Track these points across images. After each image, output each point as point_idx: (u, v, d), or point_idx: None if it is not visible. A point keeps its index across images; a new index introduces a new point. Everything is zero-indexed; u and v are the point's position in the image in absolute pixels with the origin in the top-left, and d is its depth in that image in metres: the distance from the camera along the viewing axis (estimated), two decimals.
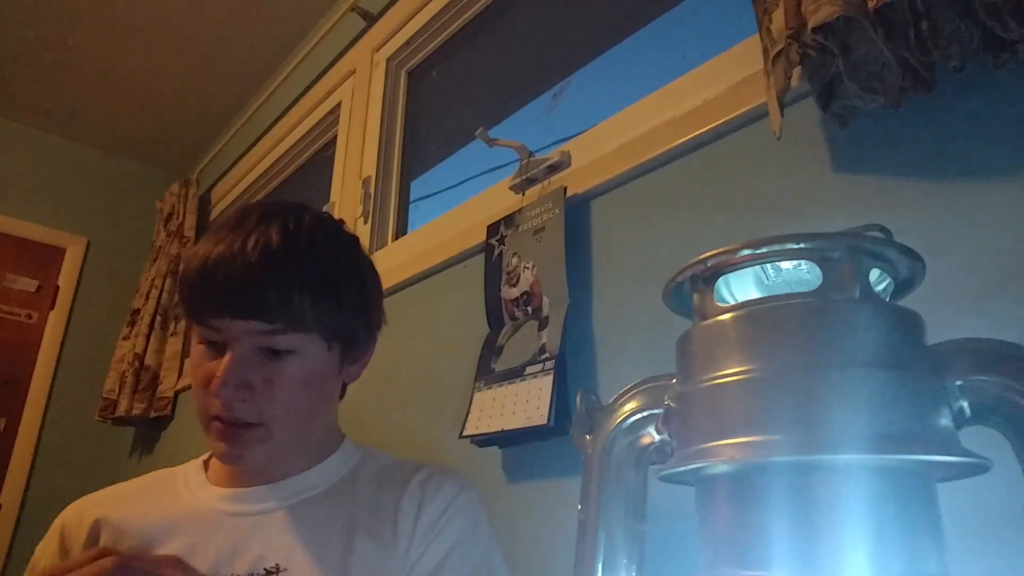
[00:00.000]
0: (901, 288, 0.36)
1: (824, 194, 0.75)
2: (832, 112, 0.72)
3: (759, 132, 0.83)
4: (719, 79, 0.91)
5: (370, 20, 1.86)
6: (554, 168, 1.11)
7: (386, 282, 0.76)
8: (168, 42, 2.24)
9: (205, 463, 0.74)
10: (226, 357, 0.60)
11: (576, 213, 1.02)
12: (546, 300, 0.98)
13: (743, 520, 0.30)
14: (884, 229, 0.36)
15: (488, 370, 1.02)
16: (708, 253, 0.34)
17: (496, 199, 1.23)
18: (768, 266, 0.34)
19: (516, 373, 0.96)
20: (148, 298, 2.38)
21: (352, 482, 0.70)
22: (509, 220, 1.11)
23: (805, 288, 0.33)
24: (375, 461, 0.74)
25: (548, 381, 0.90)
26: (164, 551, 0.63)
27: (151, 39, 2.23)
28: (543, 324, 0.97)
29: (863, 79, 0.65)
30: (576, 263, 0.98)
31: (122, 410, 2.21)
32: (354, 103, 1.87)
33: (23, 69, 2.36)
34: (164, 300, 2.34)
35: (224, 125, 2.66)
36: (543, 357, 0.93)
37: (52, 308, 2.56)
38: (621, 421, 0.39)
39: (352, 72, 1.92)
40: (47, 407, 2.46)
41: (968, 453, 0.29)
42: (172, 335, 2.31)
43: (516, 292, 1.04)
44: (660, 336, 0.84)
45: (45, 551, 0.68)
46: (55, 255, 2.62)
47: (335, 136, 1.96)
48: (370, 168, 1.70)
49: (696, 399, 0.33)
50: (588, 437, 0.41)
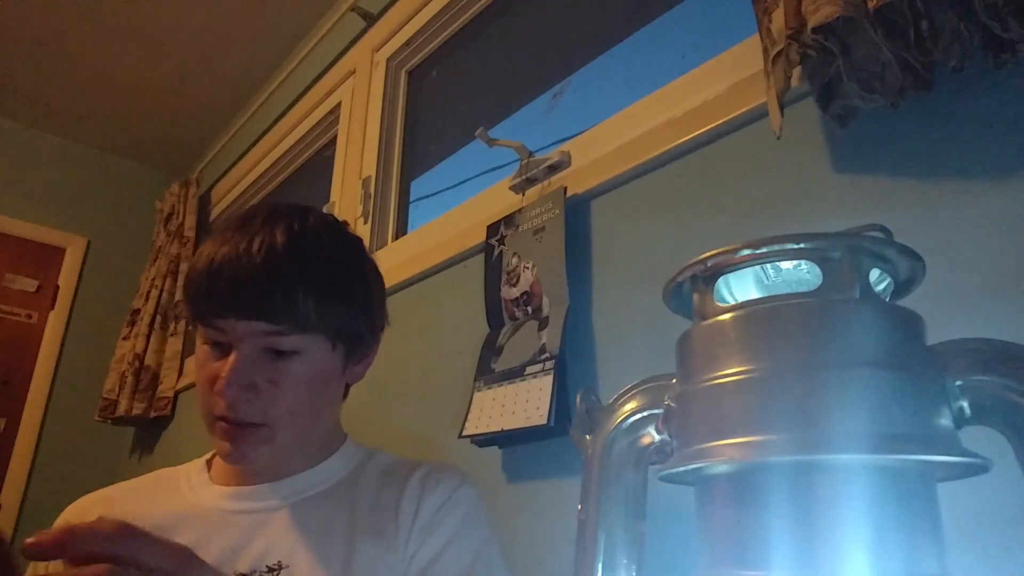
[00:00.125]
0: (901, 288, 0.36)
1: (824, 194, 0.75)
2: (832, 112, 0.72)
3: (759, 132, 0.83)
4: (719, 79, 0.91)
5: (370, 20, 1.87)
6: (554, 168, 1.11)
7: (386, 282, 0.76)
8: (169, 42, 2.24)
9: (208, 462, 0.74)
10: (231, 358, 0.60)
11: (576, 213, 1.02)
12: (546, 300, 0.98)
13: (743, 520, 0.30)
14: (884, 229, 0.36)
15: (488, 370, 1.02)
16: (708, 253, 0.34)
17: (496, 199, 1.23)
18: (768, 266, 0.34)
19: (516, 373, 0.96)
20: (148, 298, 2.38)
21: (354, 481, 0.71)
22: (509, 220, 1.11)
23: (805, 288, 0.33)
24: (377, 461, 0.74)
25: (548, 381, 0.90)
26: None
27: (151, 39, 2.23)
28: (543, 324, 0.97)
29: (863, 79, 0.65)
30: (576, 263, 0.98)
31: (122, 410, 2.21)
32: (354, 103, 1.87)
33: (23, 69, 2.36)
34: (164, 300, 2.34)
35: (224, 125, 2.66)
36: (543, 357, 0.93)
37: (52, 308, 2.56)
38: (621, 421, 0.39)
39: (352, 72, 1.92)
40: (47, 407, 2.46)
41: (968, 453, 0.29)
42: (172, 335, 2.31)
43: (516, 292, 1.04)
44: (660, 336, 0.84)
45: None
46: (55, 255, 2.62)
47: (335, 136, 1.96)
48: (370, 168, 1.70)
49: (696, 399, 0.33)
50: (588, 437, 0.41)
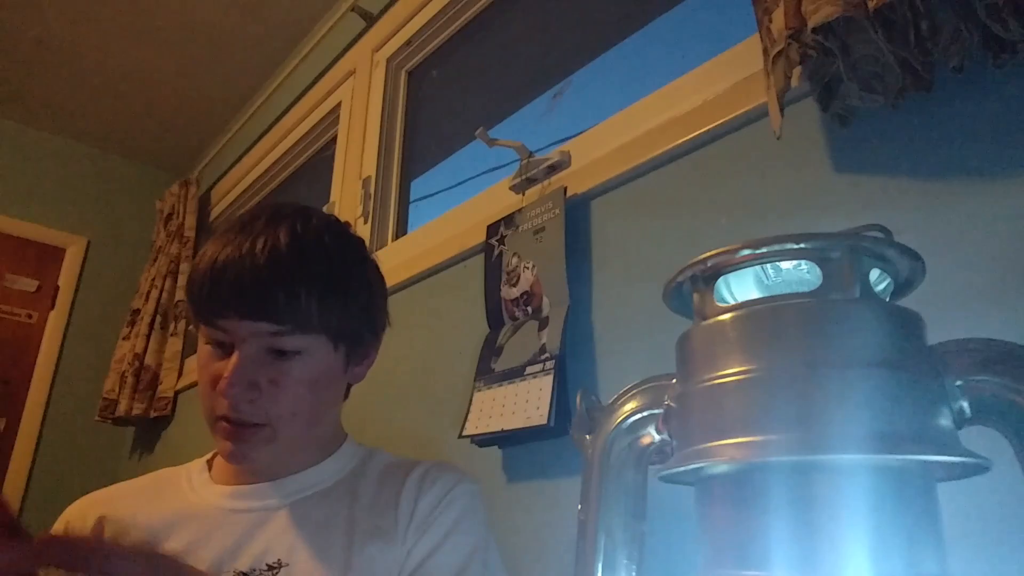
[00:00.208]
0: (901, 288, 0.36)
1: (824, 194, 0.75)
2: (832, 112, 0.72)
3: (759, 132, 0.83)
4: (719, 79, 0.91)
5: (370, 20, 1.86)
6: (554, 168, 1.11)
7: (386, 282, 0.76)
8: (168, 42, 2.24)
9: (209, 462, 0.74)
10: (233, 358, 0.61)
11: (576, 213, 1.02)
12: (546, 300, 0.98)
13: (743, 520, 0.30)
14: (884, 229, 0.36)
15: (488, 370, 1.02)
16: (708, 253, 0.34)
17: (496, 199, 1.23)
18: (768, 266, 0.34)
19: (516, 373, 0.96)
20: (148, 298, 2.37)
21: (354, 481, 0.71)
22: (509, 220, 1.11)
23: (805, 288, 0.33)
24: (377, 460, 0.74)
25: (548, 381, 0.90)
26: (167, 548, 0.63)
27: (151, 39, 2.23)
28: (543, 324, 0.97)
29: (863, 79, 0.65)
30: (576, 263, 0.98)
31: (122, 410, 2.21)
32: (354, 103, 1.87)
33: (24, 69, 2.36)
34: (164, 300, 2.34)
35: (224, 125, 2.66)
36: (543, 357, 0.93)
37: (52, 308, 2.56)
38: (621, 421, 0.39)
39: (352, 72, 1.92)
40: (47, 407, 2.46)
41: (968, 453, 0.29)
42: (172, 335, 2.31)
43: (516, 292, 1.04)
44: (660, 336, 0.84)
45: None
46: (55, 255, 2.62)
47: (335, 136, 1.95)
48: (370, 168, 1.70)
49: (696, 399, 0.33)
50: (588, 437, 0.41)
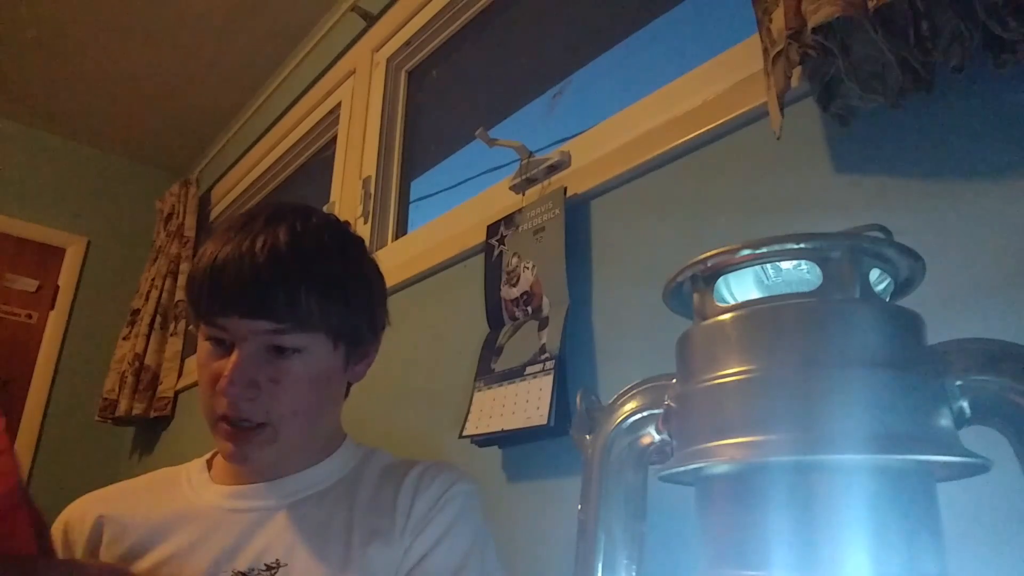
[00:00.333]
0: (901, 288, 0.36)
1: (824, 194, 0.75)
2: (832, 112, 0.72)
3: (759, 132, 0.83)
4: (719, 79, 0.91)
5: (370, 20, 1.86)
6: (554, 168, 1.11)
7: (386, 282, 0.76)
8: (168, 42, 2.24)
9: (208, 461, 0.74)
10: (233, 356, 0.61)
11: (576, 213, 1.02)
12: (546, 300, 0.98)
13: (743, 520, 0.30)
14: (884, 229, 0.36)
15: (488, 370, 1.02)
16: (708, 253, 0.34)
17: (496, 199, 1.23)
18: (768, 266, 0.34)
19: (516, 373, 0.96)
20: (148, 298, 2.37)
21: (353, 481, 0.71)
22: (509, 220, 1.11)
23: (805, 288, 0.33)
24: (376, 460, 0.74)
25: (548, 381, 0.90)
26: (166, 547, 0.64)
27: (151, 39, 2.23)
28: (543, 324, 0.97)
29: (863, 79, 0.65)
30: (576, 263, 0.98)
31: (122, 410, 2.21)
32: (354, 103, 1.87)
33: (24, 69, 2.36)
34: (164, 300, 2.34)
35: (224, 125, 2.66)
36: (543, 357, 0.93)
37: (52, 308, 2.56)
38: (621, 421, 0.39)
39: (352, 72, 1.92)
40: (47, 407, 2.46)
41: (968, 453, 0.29)
42: (172, 335, 2.31)
43: (516, 292, 1.04)
44: (660, 336, 0.84)
45: None
46: (55, 255, 2.62)
47: (335, 136, 1.95)
48: (370, 168, 1.70)
49: (696, 399, 0.33)
50: (588, 437, 0.41)
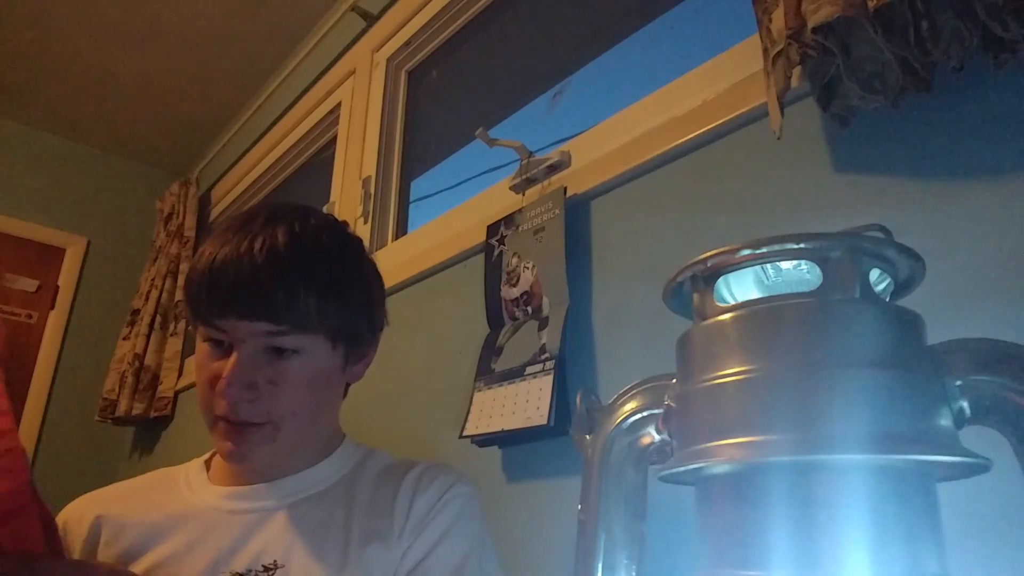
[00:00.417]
0: (901, 288, 0.36)
1: (824, 194, 0.75)
2: (832, 112, 0.72)
3: (759, 132, 0.83)
4: (719, 79, 0.91)
5: (370, 20, 1.86)
6: (554, 168, 1.11)
7: (386, 282, 0.76)
8: (168, 42, 2.24)
9: (207, 462, 0.74)
10: (232, 357, 0.60)
11: (576, 213, 1.02)
12: (546, 300, 0.98)
13: (743, 520, 0.30)
14: (884, 229, 0.36)
15: (488, 370, 1.02)
16: (708, 253, 0.34)
17: (496, 199, 1.23)
18: (768, 266, 0.34)
19: (516, 373, 0.96)
20: (148, 298, 2.37)
21: (352, 482, 0.71)
22: (509, 220, 1.11)
23: (805, 288, 0.33)
24: (375, 461, 0.74)
25: (548, 381, 0.90)
26: (164, 548, 0.63)
27: (151, 39, 2.23)
28: (543, 324, 0.97)
29: (863, 79, 0.65)
30: (576, 263, 0.98)
31: (122, 410, 2.21)
32: (354, 103, 1.87)
33: (24, 70, 2.36)
34: (164, 300, 2.34)
35: (224, 125, 2.66)
36: (543, 357, 0.93)
37: (52, 308, 2.56)
38: (621, 421, 0.39)
39: (352, 72, 1.92)
40: (47, 407, 2.46)
41: (968, 453, 0.29)
42: (172, 335, 2.31)
43: (516, 292, 1.04)
44: (660, 336, 0.84)
45: None
46: (55, 255, 2.62)
47: (335, 136, 1.95)
48: (370, 168, 1.70)
49: (696, 399, 0.33)
50: (588, 437, 0.41)
